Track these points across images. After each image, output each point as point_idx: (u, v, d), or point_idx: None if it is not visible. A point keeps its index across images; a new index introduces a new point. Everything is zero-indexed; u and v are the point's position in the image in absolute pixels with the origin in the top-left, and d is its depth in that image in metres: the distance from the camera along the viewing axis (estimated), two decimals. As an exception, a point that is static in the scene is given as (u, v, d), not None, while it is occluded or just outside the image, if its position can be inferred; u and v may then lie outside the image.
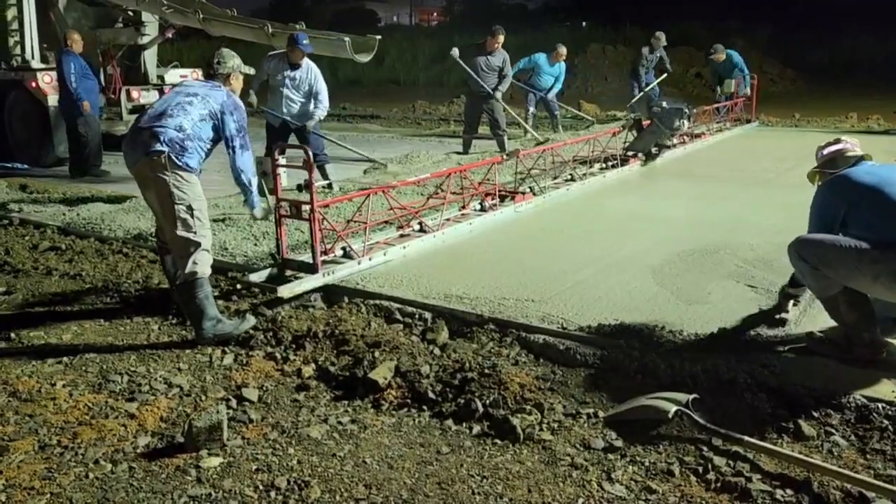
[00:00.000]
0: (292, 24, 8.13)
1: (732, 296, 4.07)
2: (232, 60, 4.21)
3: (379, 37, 8.08)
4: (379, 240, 5.11)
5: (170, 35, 10.32)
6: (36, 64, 9.62)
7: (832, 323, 3.40)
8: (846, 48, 22.66)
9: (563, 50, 11.40)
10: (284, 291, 4.17)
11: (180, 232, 3.81)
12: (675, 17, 25.06)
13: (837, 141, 3.58)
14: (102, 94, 9.56)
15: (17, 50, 9.78)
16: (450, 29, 34.33)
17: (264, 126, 7.53)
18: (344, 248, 4.73)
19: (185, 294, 3.84)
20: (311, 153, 4.39)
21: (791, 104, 13.99)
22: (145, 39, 10.23)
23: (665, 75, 12.42)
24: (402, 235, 5.27)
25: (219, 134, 3.99)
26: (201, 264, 3.83)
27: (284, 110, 7.11)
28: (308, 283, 4.31)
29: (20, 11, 9.69)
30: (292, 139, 7.15)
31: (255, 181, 4.11)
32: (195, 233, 3.82)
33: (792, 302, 3.73)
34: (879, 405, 2.86)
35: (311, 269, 4.40)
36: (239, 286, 4.50)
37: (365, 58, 7.91)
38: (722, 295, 4.08)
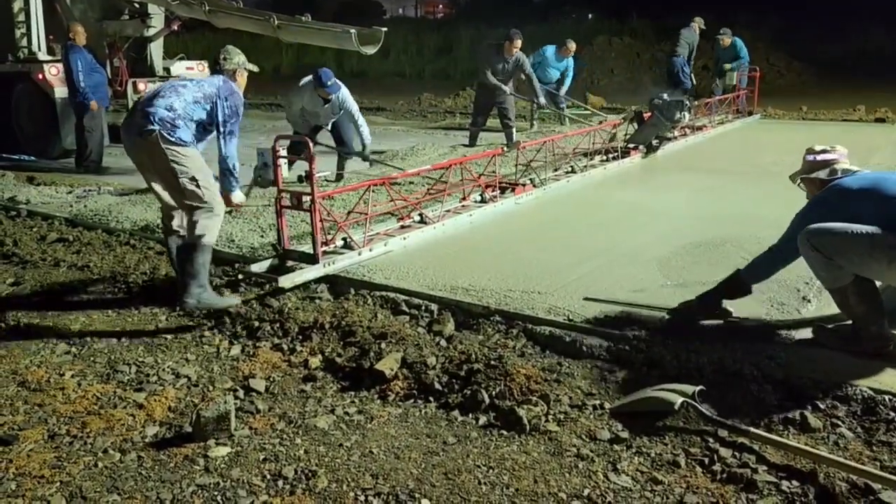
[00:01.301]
0: (298, 15, 8.12)
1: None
2: (237, 57, 4.28)
3: (385, 29, 8.05)
4: (380, 231, 5.14)
5: (175, 27, 10.34)
6: (42, 56, 9.63)
7: (839, 315, 3.40)
8: (854, 41, 22.50)
9: (572, 45, 11.16)
10: (285, 281, 4.20)
11: (189, 201, 3.97)
12: (683, 9, 24.93)
13: (826, 150, 3.49)
14: (109, 86, 9.58)
15: (24, 42, 9.79)
16: (455, 21, 34.22)
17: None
18: (344, 239, 4.75)
19: (185, 253, 3.98)
20: (311, 144, 4.46)
21: (798, 97, 13.92)
22: (151, 31, 10.23)
23: None
24: (402, 227, 5.29)
25: (212, 119, 4.06)
26: (210, 231, 3.97)
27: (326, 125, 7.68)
28: (309, 273, 4.34)
29: (26, 3, 9.70)
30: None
31: (238, 168, 4.22)
32: (205, 200, 3.96)
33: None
34: (886, 397, 2.86)
35: (312, 259, 4.43)
36: (241, 276, 4.52)
37: (371, 50, 7.89)
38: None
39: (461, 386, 3.13)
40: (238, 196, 4.36)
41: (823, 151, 3.50)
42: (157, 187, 4.09)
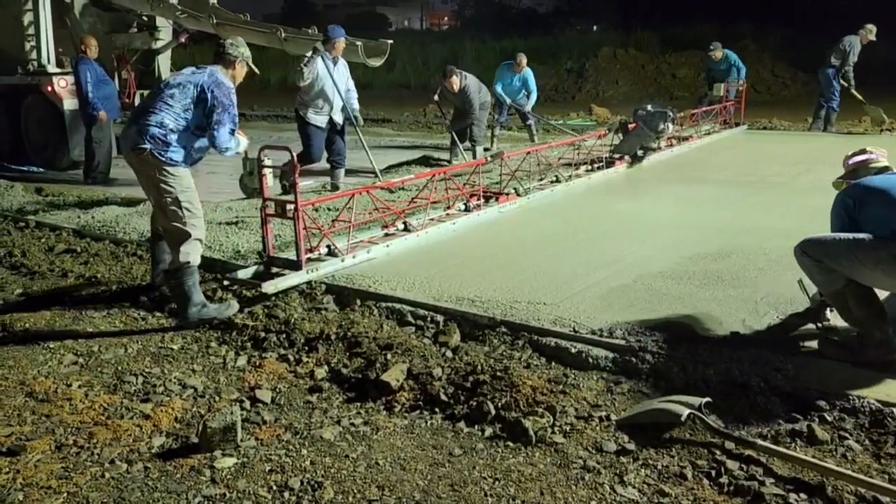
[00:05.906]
0: (304, 28, 8.18)
1: (745, 299, 4.05)
2: (243, 49, 4.37)
3: (391, 41, 8.10)
4: (363, 238, 5.23)
5: (183, 40, 10.42)
6: (52, 68, 9.70)
7: (846, 326, 3.40)
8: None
9: (522, 59, 10.85)
10: (269, 287, 4.27)
11: (171, 222, 4.04)
12: (687, 20, 25.02)
13: (863, 151, 3.62)
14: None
15: (33, 54, 9.88)
16: (460, 33, 34.39)
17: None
18: (328, 247, 4.84)
19: (173, 280, 4.06)
20: (294, 154, 4.56)
21: (802, 108, 13.87)
22: (159, 44, 10.33)
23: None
24: (386, 234, 5.38)
25: (205, 114, 4.09)
26: (192, 254, 4.05)
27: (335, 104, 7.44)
28: (292, 279, 4.43)
29: (36, 16, 9.78)
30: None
31: (232, 146, 4.20)
32: (184, 223, 4.03)
33: (829, 309, 3.63)
34: (894, 409, 2.84)
35: (296, 266, 4.51)
36: (226, 283, 4.56)
37: (377, 62, 7.95)
38: (735, 298, 4.07)
39: (467, 397, 3.13)
40: (243, 144, 4.39)
41: (854, 155, 3.65)
42: (147, 195, 4.24)
